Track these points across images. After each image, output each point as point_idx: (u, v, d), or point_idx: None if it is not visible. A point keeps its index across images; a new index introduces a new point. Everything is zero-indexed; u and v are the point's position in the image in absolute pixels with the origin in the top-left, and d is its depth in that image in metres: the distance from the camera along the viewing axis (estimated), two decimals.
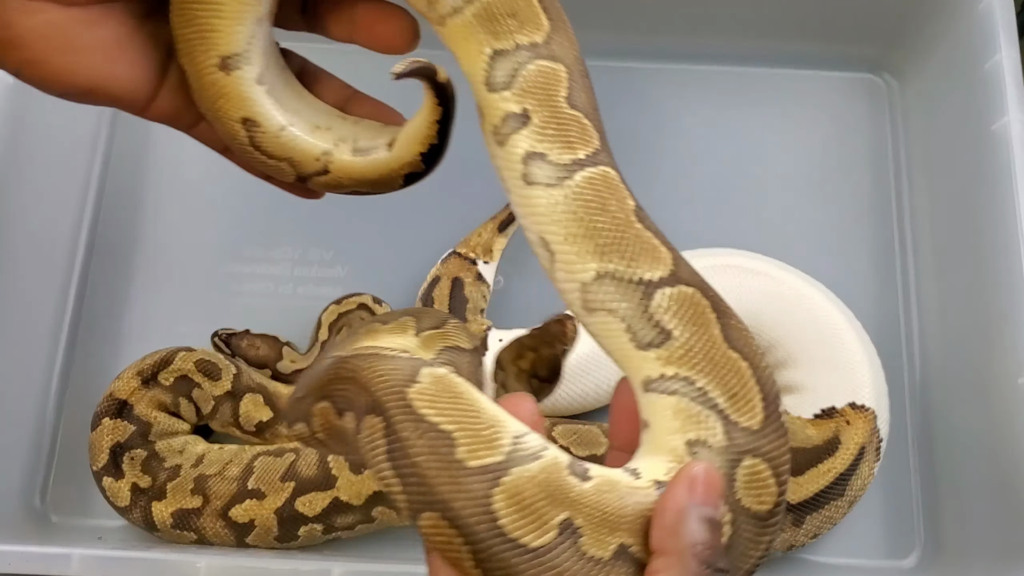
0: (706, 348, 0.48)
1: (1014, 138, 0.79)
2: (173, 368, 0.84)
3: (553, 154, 0.50)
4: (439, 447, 0.40)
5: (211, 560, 0.70)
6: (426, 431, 0.41)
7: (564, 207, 0.49)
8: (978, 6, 0.86)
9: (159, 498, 0.80)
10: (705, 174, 0.98)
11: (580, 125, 0.51)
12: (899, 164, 0.98)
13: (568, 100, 0.51)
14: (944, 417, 0.87)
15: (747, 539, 0.45)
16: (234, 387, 0.84)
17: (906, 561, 0.85)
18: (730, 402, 0.47)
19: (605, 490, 0.42)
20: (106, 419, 0.82)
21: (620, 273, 0.49)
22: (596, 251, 0.49)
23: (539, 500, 0.40)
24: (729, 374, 0.48)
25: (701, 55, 1.01)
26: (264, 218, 0.97)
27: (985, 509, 0.79)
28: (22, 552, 0.71)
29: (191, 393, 0.84)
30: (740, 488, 0.45)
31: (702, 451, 0.46)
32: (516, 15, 0.51)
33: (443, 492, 0.40)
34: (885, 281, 0.94)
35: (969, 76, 0.86)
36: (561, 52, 0.52)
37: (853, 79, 1.02)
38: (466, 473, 0.40)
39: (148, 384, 0.83)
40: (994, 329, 0.79)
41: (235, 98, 0.51)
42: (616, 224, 0.49)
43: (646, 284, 0.49)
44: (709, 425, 0.46)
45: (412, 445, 0.41)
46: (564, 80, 0.51)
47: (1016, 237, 0.77)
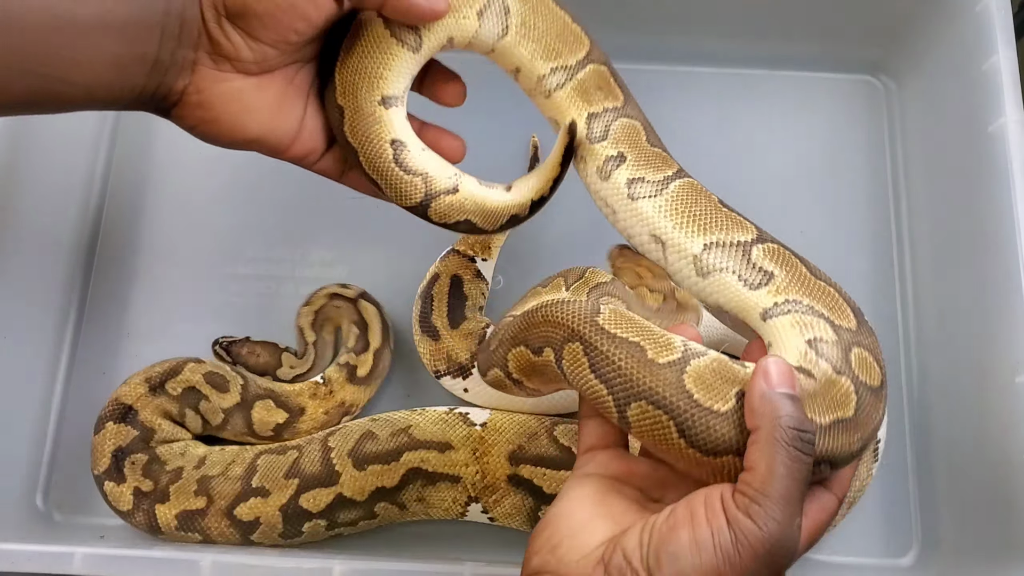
0: (801, 279, 0.65)
1: (1011, 139, 0.80)
2: (181, 379, 0.84)
3: (649, 175, 0.71)
4: (634, 352, 0.54)
5: (214, 558, 0.70)
6: (620, 343, 0.55)
7: (668, 207, 0.69)
8: (975, 7, 0.86)
9: (162, 500, 0.80)
10: (704, 175, 0.97)
11: (662, 156, 0.72)
12: (896, 165, 0.98)
13: (648, 141, 0.73)
14: (941, 416, 0.87)
15: (869, 405, 0.58)
16: (243, 397, 0.84)
17: (903, 559, 0.86)
18: (831, 311, 0.63)
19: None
20: (110, 423, 0.82)
21: (722, 241, 0.68)
22: (700, 230, 0.68)
23: (717, 380, 0.54)
24: (823, 294, 0.64)
25: (700, 57, 1.01)
26: (265, 219, 0.97)
27: (982, 507, 0.79)
28: (25, 551, 0.71)
29: (198, 405, 0.84)
30: (856, 368, 0.59)
31: (820, 345, 0.60)
32: (601, 88, 0.73)
33: (647, 383, 0.53)
34: (883, 281, 0.95)
35: (966, 77, 0.86)
36: (634, 112, 0.74)
37: (851, 81, 1.02)
38: (659, 367, 0.54)
39: (155, 392, 0.83)
40: (991, 328, 0.79)
41: (388, 125, 0.68)
42: (709, 210, 0.69)
43: (743, 244, 0.67)
44: (821, 327, 0.61)
45: (613, 354, 0.55)
46: (642, 130, 0.73)
47: (1013, 237, 0.77)
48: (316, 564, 0.71)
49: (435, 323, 0.86)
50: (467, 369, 0.84)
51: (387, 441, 0.80)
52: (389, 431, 0.81)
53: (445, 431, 0.81)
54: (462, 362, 0.84)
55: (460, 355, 0.85)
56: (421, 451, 0.79)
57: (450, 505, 0.80)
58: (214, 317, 0.92)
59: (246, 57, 0.60)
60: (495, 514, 0.80)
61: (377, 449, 0.80)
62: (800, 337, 0.61)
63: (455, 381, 0.86)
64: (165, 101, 0.61)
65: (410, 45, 0.67)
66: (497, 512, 0.80)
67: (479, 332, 0.86)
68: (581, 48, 0.74)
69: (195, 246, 0.97)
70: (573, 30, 0.74)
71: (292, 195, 0.97)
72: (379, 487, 0.78)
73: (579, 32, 0.74)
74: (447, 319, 0.86)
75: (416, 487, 0.79)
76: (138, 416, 0.83)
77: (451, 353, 0.85)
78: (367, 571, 0.71)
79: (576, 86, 0.73)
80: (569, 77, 0.73)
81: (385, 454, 0.79)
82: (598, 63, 0.74)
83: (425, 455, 0.79)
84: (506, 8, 0.70)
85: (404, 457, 0.79)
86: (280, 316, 0.93)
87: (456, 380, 0.85)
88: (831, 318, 0.62)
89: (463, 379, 0.85)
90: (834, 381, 0.58)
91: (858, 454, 0.56)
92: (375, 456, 0.79)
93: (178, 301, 0.94)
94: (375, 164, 0.69)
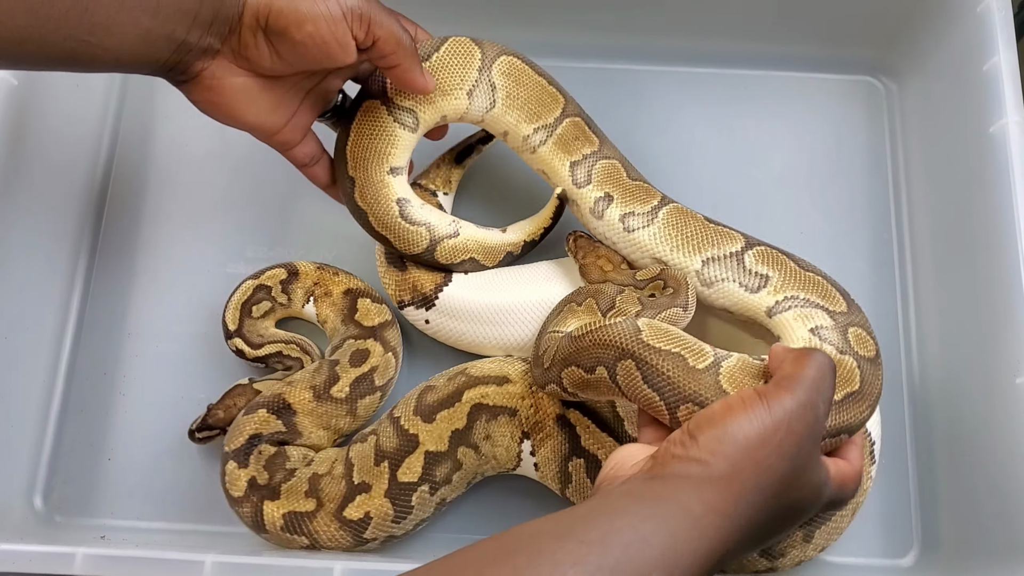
0: (793, 275, 0.77)
1: (1012, 140, 0.80)
2: (340, 385, 0.84)
3: (638, 208, 0.82)
4: (677, 363, 0.65)
5: (216, 558, 0.70)
6: (666, 356, 0.66)
7: (662, 233, 0.81)
8: (976, 8, 0.86)
9: (272, 498, 0.80)
10: (704, 176, 0.98)
11: (644, 188, 0.84)
12: (897, 166, 0.99)
13: (629, 176, 0.84)
14: (942, 417, 0.87)
15: (870, 375, 0.70)
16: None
17: (904, 560, 0.86)
18: (824, 300, 0.76)
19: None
20: (263, 411, 0.83)
21: (717, 255, 0.80)
22: (696, 249, 0.80)
23: (745, 376, 0.65)
24: (814, 285, 0.77)
25: (701, 57, 1.02)
26: (265, 219, 0.97)
27: (982, 508, 0.79)
28: (26, 551, 0.71)
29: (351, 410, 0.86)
30: (854, 346, 0.72)
31: (822, 332, 0.73)
32: (578, 138, 0.85)
33: (692, 388, 0.64)
34: (883, 282, 0.95)
35: (967, 78, 0.87)
36: (610, 152, 0.86)
37: (852, 82, 1.02)
38: (699, 373, 0.65)
39: (320, 400, 0.84)
40: (992, 329, 0.80)
41: (395, 188, 0.83)
42: (698, 229, 0.81)
43: (735, 254, 0.79)
44: (819, 316, 0.75)
45: (661, 366, 0.65)
46: (621, 168, 0.85)
47: (1013, 238, 0.77)
48: (316, 564, 0.71)
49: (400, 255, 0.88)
50: (430, 300, 0.86)
51: (445, 386, 0.82)
52: (445, 378, 0.83)
53: (503, 367, 0.83)
54: (426, 293, 0.86)
55: (425, 286, 0.86)
56: (480, 387, 0.82)
57: (509, 443, 0.81)
58: (214, 317, 0.92)
59: (266, 65, 0.69)
60: (539, 457, 0.81)
61: (438, 397, 0.81)
62: (804, 327, 0.74)
63: (418, 312, 0.87)
64: (182, 76, 0.69)
65: (409, 127, 0.81)
66: (540, 455, 0.81)
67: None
68: (557, 106, 0.85)
69: (195, 246, 0.97)
70: (550, 92, 0.85)
71: (293, 196, 0.97)
72: (453, 431, 0.80)
73: (555, 92, 0.85)
74: None
75: (482, 424, 0.80)
76: (294, 418, 0.83)
77: (416, 283, 0.87)
78: (367, 571, 0.71)
79: (556, 140, 0.85)
80: (550, 134, 0.84)
81: (447, 398, 0.81)
82: (573, 116, 0.85)
83: (485, 390, 0.81)
84: (492, 85, 0.82)
85: (465, 396, 0.81)
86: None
87: (419, 311, 0.87)
88: (826, 306, 0.75)
89: (426, 310, 0.87)
90: (840, 361, 0.70)
91: (867, 419, 0.68)
92: (438, 403, 0.81)
93: (178, 301, 0.94)
94: (384, 221, 0.83)
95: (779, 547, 0.75)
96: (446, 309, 0.86)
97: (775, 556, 0.76)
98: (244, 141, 0.82)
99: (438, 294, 0.86)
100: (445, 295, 0.86)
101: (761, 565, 0.76)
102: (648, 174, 0.86)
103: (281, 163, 0.94)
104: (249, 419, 0.82)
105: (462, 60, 0.81)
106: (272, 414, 0.82)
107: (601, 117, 0.88)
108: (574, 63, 1.01)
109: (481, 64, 0.81)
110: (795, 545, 0.76)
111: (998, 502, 0.77)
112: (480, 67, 0.81)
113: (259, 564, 0.71)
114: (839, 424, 0.65)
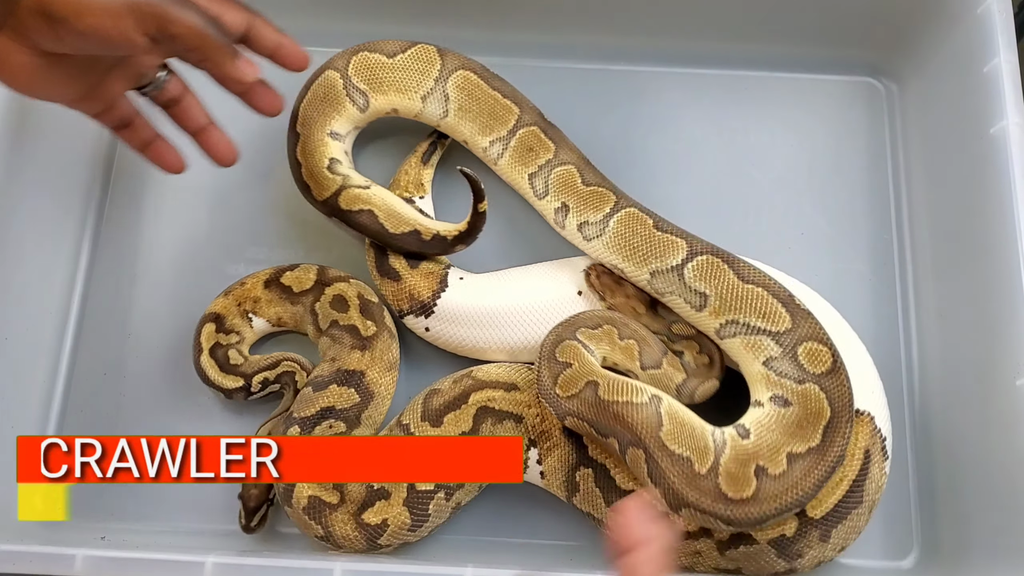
0: (731, 292, 0.76)
1: (1012, 141, 0.80)
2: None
3: (592, 217, 0.83)
4: (683, 468, 0.71)
5: (216, 559, 0.70)
6: (674, 460, 0.71)
7: (612, 243, 0.82)
8: (976, 10, 0.86)
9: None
10: (704, 177, 0.98)
11: (598, 193, 0.84)
12: (897, 167, 0.98)
13: (584, 182, 0.85)
14: (942, 419, 0.87)
15: (834, 386, 0.73)
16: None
17: (904, 562, 0.86)
18: (767, 321, 0.75)
19: (764, 434, 0.73)
20: (333, 385, 0.83)
21: (661, 267, 0.79)
22: (642, 260, 0.80)
23: (740, 468, 0.71)
24: (753, 302, 0.76)
25: (701, 58, 1.01)
26: (266, 219, 0.97)
27: (983, 510, 0.79)
28: (26, 552, 0.71)
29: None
30: (809, 367, 0.74)
31: (775, 364, 0.75)
32: (533, 148, 0.87)
33: (692, 496, 0.70)
34: (883, 284, 0.94)
35: (967, 80, 0.86)
36: (566, 156, 0.87)
37: (852, 83, 1.02)
38: (702, 478, 0.71)
39: (363, 348, 0.85)
40: (992, 331, 0.79)
41: (331, 148, 0.89)
42: (645, 238, 0.80)
43: (676, 268, 0.78)
44: (765, 345, 0.75)
45: (668, 469, 0.71)
46: (576, 173, 0.85)
47: (1014, 240, 0.77)
48: (316, 565, 0.71)
49: (393, 265, 0.88)
50: (429, 308, 0.87)
51: (451, 389, 0.82)
52: (450, 381, 0.84)
53: (511, 374, 0.84)
54: (424, 300, 0.87)
55: (422, 293, 0.87)
56: (487, 391, 0.82)
57: None
58: None
59: (51, 47, 0.66)
60: (545, 466, 0.81)
61: (444, 400, 0.82)
62: (756, 361, 0.76)
63: (418, 320, 0.87)
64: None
65: (359, 105, 0.89)
66: (547, 464, 0.81)
67: (440, 272, 0.88)
68: (511, 118, 0.88)
69: (195, 246, 0.96)
70: (504, 104, 0.88)
71: (293, 196, 0.97)
72: (460, 433, 0.80)
73: (509, 105, 0.88)
74: (405, 261, 0.88)
75: (488, 427, 0.81)
76: (363, 379, 0.84)
77: (413, 292, 0.87)
78: (367, 572, 0.71)
79: (512, 153, 0.88)
80: (505, 146, 0.88)
81: (453, 401, 0.81)
82: (528, 126, 0.88)
83: (492, 394, 0.82)
84: (446, 96, 0.89)
85: (472, 398, 0.81)
86: None
87: (419, 319, 0.87)
88: (769, 328, 0.75)
89: (425, 318, 0.87)
90: (804, 392, 0.74)
91: (848, 437, 0.73)
92: (445, 407, 0.81)
93: (178, 301, 0.94)
94: (312, 171, 0.88)
95: (796, 547, 0.75)
96: (445, 315, 0.86)
97: (792, 557, 0.76)
98: (244, 141, 0.82)
99: (436, 301, 0.86)
100: (444, 301, 0.86)
101: (780, 566, 0.76)
102: (648, 175, 0.86)
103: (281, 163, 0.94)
104: (320, 394, 0.83)
105: (421, 67, 0.90)
106: (342, 386, 0.83)
107: (601, 118, 0.88)
108: (575, 64, 1.01)
109: (439, 75, 0.89)
110: (812, 545, 0.76)
111: (998, 504, 0.77)
112: (437, 77, 0.89)
113: (259, 564, 0.71)
114: (836, 459, 0.72)
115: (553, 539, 0.85)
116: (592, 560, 0.83)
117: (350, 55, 0.90)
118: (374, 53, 0.90)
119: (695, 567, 0.78)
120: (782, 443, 0.73)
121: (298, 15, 0.82)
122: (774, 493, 0.71)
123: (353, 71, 0.90)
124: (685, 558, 0.77)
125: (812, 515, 0.75)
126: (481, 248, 0.89)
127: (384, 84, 0.90)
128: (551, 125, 0.89)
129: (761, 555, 0.75)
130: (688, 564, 0.78)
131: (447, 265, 0.89)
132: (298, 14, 0.83)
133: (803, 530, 0.75)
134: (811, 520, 0.75)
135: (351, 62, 0.90)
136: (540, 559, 0.84)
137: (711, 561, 0.77)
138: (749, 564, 0.76)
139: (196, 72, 0.69)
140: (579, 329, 0.81)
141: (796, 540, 0.75)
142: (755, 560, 0.76)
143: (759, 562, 0.76)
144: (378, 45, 0.91)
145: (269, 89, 0.75)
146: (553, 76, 0.98)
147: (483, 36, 0.95)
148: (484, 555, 0.83)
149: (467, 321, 0.85)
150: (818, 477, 0.72)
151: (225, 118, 0.81)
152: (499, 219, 0.92)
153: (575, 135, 0.91)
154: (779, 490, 0.71)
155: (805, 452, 0.72)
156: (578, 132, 0.91)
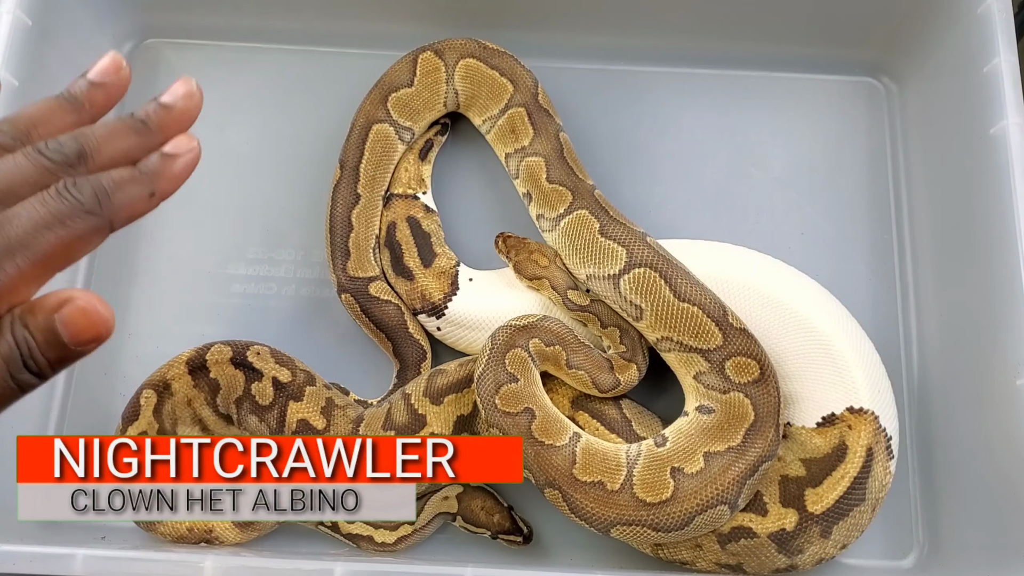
0: (665, 310, 0.78)
1: (1012, 141, 0.80)
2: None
3: (547, 212, 0.86)
4: (599, 494, 0.74)
5: (216, 560, 0.70)
6: (588, 489, 0.74)
7: (561, 240, 0.85)
8: (976, 10, 0.86)
9: (297, 399, 0.83)
10: (705, 177, 0.98)
11: (558, 192, 0.86)
12: (897, 167, 0.98)
13: (548, 179, 0.87)
14: (942, 418, 0.87)
15: (759, 393, 0.76)
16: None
17: (904, 561, 0.86)
18: (698, 339, 0.77)
19: (680, 440, 0.76)
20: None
21: (597, 273, 0.81)
22: (581, 262, 0.83)
23: (655, 474, 0.73)
24: (685, 321, 0.77)
25: (701, 59, 1.01)
26: (266, 220, 0.97)
27: (983, 510, 0.80)
28: (26, 552, 0.71)
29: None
30: (735, 378, 0.76)
31: (704, 378, 0.78)
32: (515, 131, 0.90)
33: (612, 513, 0.73)
34: (884, 283, 0.95)
35: (967, 79, 0.86)
36: (541, 148, 0.88)
37: (852, 83, 1.02)
38: (616, 494, 0.73)
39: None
40: (992, 331, 0.80)
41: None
42: (588, 243, 0.82)
43: (612, 277, 0.80)
44: (696, 360, 0.78)
45: (582, 499, 0.74)
46: (543, 168, 0.87)
47: (1014, 239, 0.77)
48: (316, 566, 0.71)
49: (408, 264, 0.90)
50: (440, 309, 0.88)
51: (456, 371, 0.83)
52: (456, 364, 0.84)
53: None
54: (435, 302, 0.88)
55: (434, 294, 0.88)
56: None
57: None
58: (215, 318, 0.92)
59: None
60: None
61: (448, 381, 0.82)
62: (688, 375, 0.79)
63: (429, 319, 0.89)
64: None
65: (405, 141, 0.94)
66: None
67: (451, 272, 0.90)
68: (505, 96, 0.90)
69: (195, 246, 0.96)
70: (500, 83, 0.91)
71: (294, 196, 0.97)
72: (458, 416, 0.81)
73: (504, 83, 0.91)
74: (419, 259, 0.90)
75: None
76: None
77: (425, 292, 0.89)
78: (367, 572, 0.71)
79: (497, 131, 0.92)
80: (493, 124, 0.92)
81: (456, 383, 0.82)
82: (517, 106, 0.90)
83: None
84: (456, 91, 0.93)
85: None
86: (280, 317, 0.93)
87: (431, 319, 0.89)
88: (700, 346, 0.77)
89: (436, 318, 0.88)
90: (728, 399, 0.76)
91: (778, 442, 0.76)
92: (447, 387, 0.82)
93: (178, 301, 0.94)
94: (359, 244, 0.91)
95: (796, 542, 0.75)
96: (455, 320, 0.88)
97: (793, 552, 0.76)
98: (245, 141, 0.82)
99: (447, 304, 0.88)
100: (453, 306, 0.87)
101: (781, 562, 0.76)
102: (649, 175, 0.86)
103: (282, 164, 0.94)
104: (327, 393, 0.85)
105: (434, 78, 0.93)
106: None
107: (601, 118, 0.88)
108: (575, 64, 1.01)
109: (447, 76, 0.93)
110: (813, 540, 0.76)
111: (999, 504, 0.77)
112: (447, 79, 0.93)
113: (259, 564, 0.71)
114: (758, 457, 0.74)
115: (553, 539, 0.85)
116: (592, 560, 0.83)
117: (380, 102, 0.93)
118: (400, 90, 0.93)
119: (696, 561, 0.78)
120: (699, 445, 0.75)
121: (298, 15, 0.82)
122: (693, 490, 0.72)
123: (395, 113, 0.93)
124: (686, 551, 0.77)
125: (812, 510, 0.75)
126: (487, 246, 0.90)
127: (417, 114, 0.94)
128: (540, 108, 0.90)
129: (762, 549, 0.75)
130: (690, 558, 0.78)
131: (457, 263, 0.91)
132: (298, 14, 0.83)
133: (803, 525, 0.75)
134: (811, 515, 0.75)
135: (388, 106, 0.93)
136: (540, 559, 0.84)
137: (712, 556, 0.77)
138: (750, 559, 0.76)
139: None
140: (533, 339, 0.80)
141: (796, 535, 0.75)
142: (756, 555, 0.76)
143: (760, 557, 0.76)
144: (395, 78, 0.93)
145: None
146: (553, 76, 0.97)
147: (483, 36, 0.95)
148: (484, 555, 0.84)
149: (476, 325, 0.87)
150: (738, 472, 0.73)
151: (226, 118, 0.81)
152: (506, 213, 0.92)
153: (575, 135, 0.91)
154: (697, 486, 0.72)
155: (724, 450, 0.74)
156: (578, 132, 0.91)
